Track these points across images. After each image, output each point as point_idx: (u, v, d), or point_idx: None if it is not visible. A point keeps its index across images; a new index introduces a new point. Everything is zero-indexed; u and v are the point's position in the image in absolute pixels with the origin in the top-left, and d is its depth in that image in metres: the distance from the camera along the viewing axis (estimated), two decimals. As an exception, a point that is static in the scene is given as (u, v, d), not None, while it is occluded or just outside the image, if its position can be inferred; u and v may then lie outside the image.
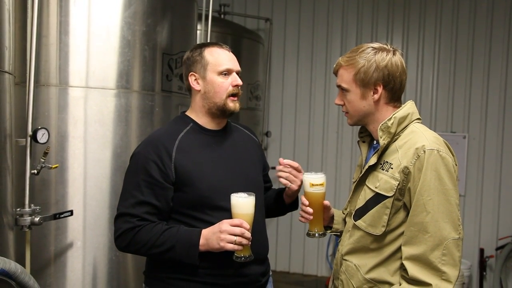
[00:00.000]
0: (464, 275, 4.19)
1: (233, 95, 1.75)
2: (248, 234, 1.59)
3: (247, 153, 1.88)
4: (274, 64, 5.14)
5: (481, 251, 4.51)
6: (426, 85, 4.74)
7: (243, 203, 1.62)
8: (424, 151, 1.48)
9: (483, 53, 4.56)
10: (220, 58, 1.75)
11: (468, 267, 4.36)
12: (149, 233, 1.64)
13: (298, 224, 1.68)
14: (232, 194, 1.63)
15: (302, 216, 1.76)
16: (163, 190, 1.67)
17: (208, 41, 3.07)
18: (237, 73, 1.78)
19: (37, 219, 2.06)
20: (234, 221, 1.60)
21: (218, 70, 1.74)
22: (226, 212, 1.66)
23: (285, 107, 5.15)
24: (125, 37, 2.41)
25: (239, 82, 1.76)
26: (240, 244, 1.58)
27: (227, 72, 1.75)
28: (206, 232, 1.63)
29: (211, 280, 1.69)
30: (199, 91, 1.76)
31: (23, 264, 2.07)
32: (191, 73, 1.77)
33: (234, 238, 1.57)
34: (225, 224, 1.59)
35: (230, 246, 1.57)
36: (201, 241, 1.62)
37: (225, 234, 1.57)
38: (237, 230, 1.57)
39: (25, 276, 1.71)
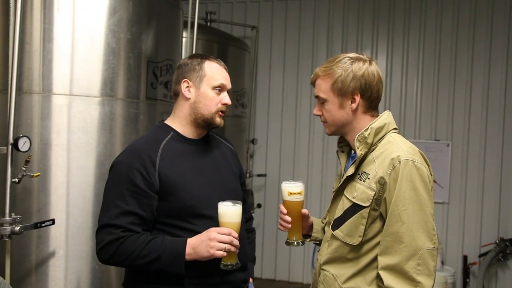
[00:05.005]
0: (448, 282, 4.22)
1: (221, 111, 1.78)
2: (236, 242, 1.61)
3: (225, 162, 1.89)
4: (260, 72, 5.16)
5: (465, 258, 4.55)
6: (411, 93, 4.78)
7: (231, 212, 1.63)
8: (399, 162, 1.50)
9: (466, 62, 4.63)
10: (217, 73, 1.78)
11: (451, 274, 4.39)
12: (133, 244, 1.62)
13: (284, 232, 1.68)
14: (219, 203, 1.63)
15: (281, 224, 1.79)
16: (148, 200, 1.66)
17: (194, 48, 3.08)
18: (228, 91, 1.80)
19: (17, 228, 2.03)
20: (223, 229, 1.61)
21: (213, 84, 1.76)
22: (208, 220, 1.67)
23: (271, 114, 5.16)
24: (110, 45, 2.40)
25: (229, 101, 1.78)
26: (229, 251, 1.59)
27: (220, 88, 1.77)
28: (193, 241, 1.63)
29: None
30: (189, 99, 1.77)
31: (3, 274, 2.04)
32: (184, 79, 1.77)
33: (224, 245, 1.58)
34: (213, 232, 1.60)
35: (220, 253, 1.59)
36: (188, 250, 1.62)
37: (214, 241, 1.59)
38: (226, 238, 1.59)
39: (5, 286, 1.69)
